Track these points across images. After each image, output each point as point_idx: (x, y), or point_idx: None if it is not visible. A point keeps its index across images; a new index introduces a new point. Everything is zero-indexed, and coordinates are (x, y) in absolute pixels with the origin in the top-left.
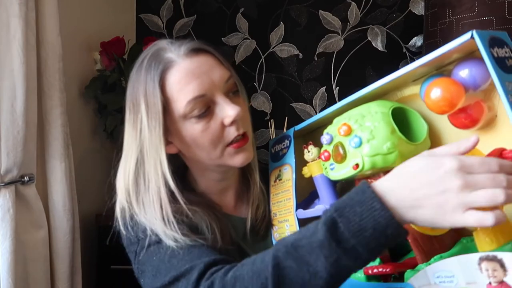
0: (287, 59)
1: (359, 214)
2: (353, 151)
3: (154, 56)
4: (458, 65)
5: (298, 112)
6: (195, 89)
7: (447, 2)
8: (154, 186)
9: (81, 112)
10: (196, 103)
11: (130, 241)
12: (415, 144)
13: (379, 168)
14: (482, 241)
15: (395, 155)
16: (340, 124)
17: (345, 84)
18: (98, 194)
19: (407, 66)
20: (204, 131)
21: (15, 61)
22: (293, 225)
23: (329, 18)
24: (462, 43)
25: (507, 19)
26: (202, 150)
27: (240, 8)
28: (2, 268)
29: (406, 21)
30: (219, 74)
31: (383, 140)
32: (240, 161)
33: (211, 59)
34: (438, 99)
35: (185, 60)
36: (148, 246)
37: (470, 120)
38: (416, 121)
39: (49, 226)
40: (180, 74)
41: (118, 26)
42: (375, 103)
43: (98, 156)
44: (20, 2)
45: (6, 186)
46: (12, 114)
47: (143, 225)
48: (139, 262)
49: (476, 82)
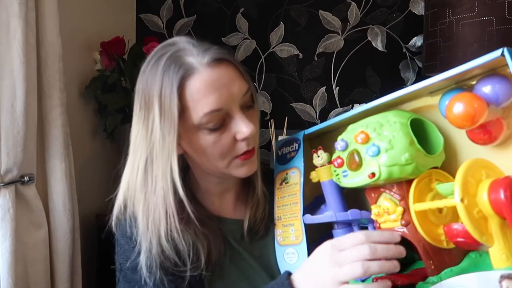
0: (287, 59)
1: None
2: (369, 159)
3: (175, 57)
4: (481, 81)
5: (298, 112)
6: (214, 102)
7: (447, 2)
8: (160, 190)
9: (81, 112)
10: (212, 116)
11: (116, 260)
12: (432, 157)
13: (395, 178)
14: (498, 258)
15: (412, 167)
16: (358, 131)
17: (345, 84)
18: (98, 194)
19: (428, 79)
20: (216, 143)
21: (15, 61)
22: (299, 229)
23: (329, 18)
24: (492, 59)
25: (507, 19)
26: (209, 159)
27: (240, 8)
28: (2, 268)
29: (406, 21)
30: (238, 87)
31: (401, 150)
32: (245, 173)
33: (232, 70)
34: (461, 114)
35: (207, 69)
36: (125, 279)
37: (489, 137)
38: (433, 133)
39: (49, 226)
40: (200, 84)
41: (118, 26)
42: (392, 112)
43: (98, 156)
44: (20, 2)
45: (6, 186)
46: (12, 114)
47: (130, 238)
48: (118, 284)
49: (498, 99)
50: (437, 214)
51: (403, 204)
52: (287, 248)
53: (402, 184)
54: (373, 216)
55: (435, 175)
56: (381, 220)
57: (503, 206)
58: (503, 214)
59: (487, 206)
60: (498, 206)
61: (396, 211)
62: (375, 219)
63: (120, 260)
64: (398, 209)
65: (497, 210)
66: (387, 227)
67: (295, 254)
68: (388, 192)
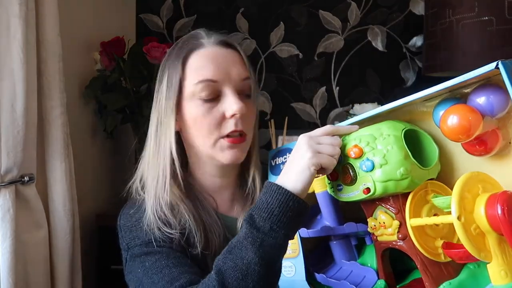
0: (287, 59)
1: (266, 202)
2: (364, 174)
3: (189, 37)
4: (475, 92)
5: (298, 112)
6: (209, 73)
7: (447, 2)
8: (166, 150)
9: (81, 112)
10: (205, 85)
11: (122, 246)
12: (428, 169)
13: (390, 193)
14: (497, 274)
15: (408, 181)
16: (351, 145)
17: (345, 84)
18: (98, 194)
19: (422, 91)
20: (205, 115)
21: (15, 61)
22: (295, 243)
23: (329, 18)
24: (487, 72)
25: (507, 19)
26: (199, 133)
27: (240, 8)
28: (2, 268)
29: (406, 21)
30: (237, 70)
31: (396, 165)
32: (229, 158)
33: (237, 56)
34: (456, 127)
35: (212, 47)
36: (136, 256)
37: (484, 148)
38: (427, 143)
39: (49, 226)
40: (202, 57)
41: (118, 26)
42: (385, 124)
43: (98, 156)
44: (20, 2)
45: (6, 186)
46: (12, 114)
47: (140, 228)
48: (127, 270)
49: (493, 110)
50: (434, 227)
51: (399, 218)
52: (284, 261)
53: (397, 197)
54: (369, 229)
55: (430, 186)
56: (378, 233)
57: (500, 222)
58: (500, 231)
59: (484, 222)
60: (496, 222)
61: (393, 224)
62: (371, 232)
63: (127, 240)
64: (395, 223)
65: (494, 227)
66: (384, 240)
67: (292, 268)
68: (384, 205)
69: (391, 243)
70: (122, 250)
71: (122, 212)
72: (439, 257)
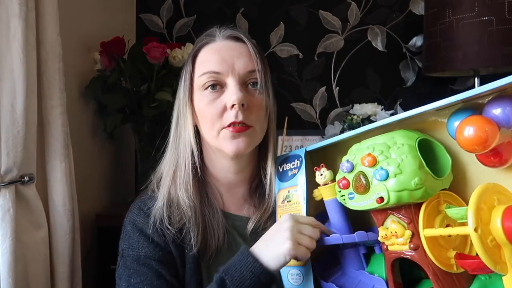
0: (287, 59)
1: (239, 270)
2: (377, 183)
3: (205, 35)
4: (491, 103)
5: (298, 112)
6: (213, 65)
7: (447, 2)
8: (182, 147)
9: (81, 112)
10: (209, 77)
11: (119, 248)
12: (441, 180)
13: (404, 202)
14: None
15: (422, 191)
16: (364, 153)
17: (345, 84)
18: (98, 194)
19: (436, 102)
20: (208, 104)
21: (15, 61)
22: None
23: (329, 18)
24: (507, 84)
25: (507, 19)
26: (205, 123)
27: (240, 8)
28: (2, 268)
29: (406, 21)
30: (243, 63)
31: (411, 175)
32: (231, 148)
33: (245, 49)
34: (472, 138)
35: (222, 40)
36: (126, 268)
37: (499, 159)
38: (440, 152)
39: (49, 226)
40: (210, 50)
41: (118, 26)
42: (398, 133)
43: (98, 156)
44: (20, 2)
45: (6, 186)
46: (12, 114)
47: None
48: (117, 272)
49: (509, 121)
50: (446, 238)
51: (412, 228)
52: (291, 269)
53: (410, 207)
54: (380, 238)
55: (443, 197)
56: (389, 243)
57: None
58: None
59: (501, 234)
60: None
61: (405, 234)
62: (382, 241)
63: (123, 246)
64: (407, 233)
65: (511, 239)
66: (395, 249)
67: (300, 276)
68: (395, 215)
69: (402, 252)
70: (119, 251)
71: (131, 209)
72: (451, 267)
